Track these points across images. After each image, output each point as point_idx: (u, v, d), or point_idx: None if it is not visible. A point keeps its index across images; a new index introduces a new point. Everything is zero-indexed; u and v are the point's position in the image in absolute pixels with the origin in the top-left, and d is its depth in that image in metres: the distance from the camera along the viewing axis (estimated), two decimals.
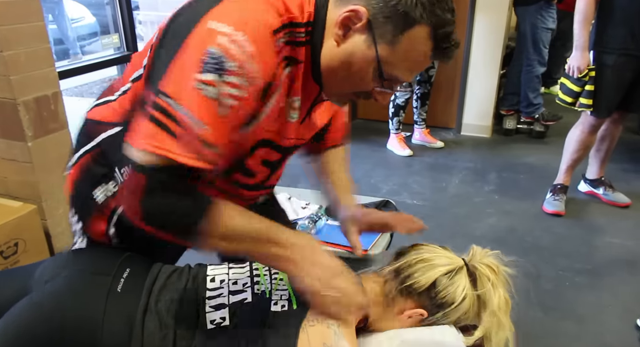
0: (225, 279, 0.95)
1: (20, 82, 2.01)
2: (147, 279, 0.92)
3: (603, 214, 2.74)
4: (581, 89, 2.49)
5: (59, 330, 0.84)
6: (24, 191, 2.17)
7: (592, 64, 2.44)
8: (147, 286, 0.90)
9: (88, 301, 0.86)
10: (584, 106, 2.50)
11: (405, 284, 0.95)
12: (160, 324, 0.86)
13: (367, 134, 3.85)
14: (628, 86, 2.46)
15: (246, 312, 0.89)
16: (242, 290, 0.93)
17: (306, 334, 0.84)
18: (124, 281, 0.90)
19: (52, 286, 0.90)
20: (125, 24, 2.75)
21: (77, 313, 0.85)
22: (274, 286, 0.93)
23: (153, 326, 0.85)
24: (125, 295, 0.88)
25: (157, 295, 0.89)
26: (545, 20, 3.67)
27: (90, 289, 0.89)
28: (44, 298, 0.88)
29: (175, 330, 0.85)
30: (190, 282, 0.94)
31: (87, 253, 1.01)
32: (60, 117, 2.20)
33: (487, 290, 0.93)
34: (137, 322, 0.85)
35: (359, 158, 1.05)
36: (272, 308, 0.89)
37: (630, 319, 1.90)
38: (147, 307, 0.87)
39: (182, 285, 0.93)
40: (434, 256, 0.97)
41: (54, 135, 2.18)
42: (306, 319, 0.86)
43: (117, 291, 0.88)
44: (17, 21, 1.96)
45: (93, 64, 2.68)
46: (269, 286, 0.93)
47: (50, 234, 2.21)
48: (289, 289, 0.92)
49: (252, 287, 0.94)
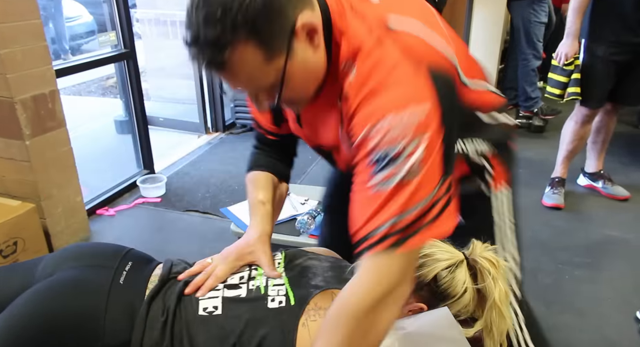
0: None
1: (17, 81, 2.00)
2: (163, 269, 0.97)
3: (602, 207, 2.74)
4: (568, 79, 2.51)
5: (63, 320, 0.86)
6: (22, 189, 2.17)
7: (582, 53, 2.46)
8: (163, 276, 0.95)
9: (91, 292, 0.89)
10: (572, 95, 2.51)
11: None
12: (164, 309, 0.89)
13: None
14: (618, 77, 2.47)
15: (239, 308, 0.90)
16: (238, 285, 0.94)
17: (307, 329, 0.84)
18: (126, 273, 0.94)
19: (56, 278, 0.92)
20: (122, 21, 2.74)
21: (80, 303, 0.88)
22: (270, 282, 0.94)
23: (157, 310, 0.89)
24: (128, 286, 0.91)
25: (167, 286, 0.94)
26: (538, 14, 3.68)
27: (93, 281, 0.91)
28: (48, 290, 0.90)
29: (174, 314, 0.89)
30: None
31: (90, 248, 1.06)
32: (58, 115, 2.19)
33: (487, 284, 0.93)
34: (143, 308, 0.88)
35: None
36: (269, 305, 0.89)
37: (630, 311, 1.90)
38: (158, 293, 0.91)
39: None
40: (435, 250, 0.97)
41: (52, 134, 2.17)
42: (306, 314, 0.86)
43: (119, 282, 0.92)
44: (14, 19, 1.96)
45: (90, 62, 2.67)
46: (264, 282, 0.94)
47: (49, 233, 2.21)
48: (287, 284, 0.93)
49: (247, 283, 0.95)
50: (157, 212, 2.70)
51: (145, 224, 2.62)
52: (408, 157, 0.70)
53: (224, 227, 2.40)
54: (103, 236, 2.45)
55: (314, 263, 0.99)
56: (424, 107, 0.71)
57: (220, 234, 2.43)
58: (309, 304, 0.88)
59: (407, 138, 0.70)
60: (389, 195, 0.71)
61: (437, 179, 0.73)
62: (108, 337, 0.85)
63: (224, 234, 2.37)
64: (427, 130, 0.71)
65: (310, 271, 0.97)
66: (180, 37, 0.81)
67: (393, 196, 0.71)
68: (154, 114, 3.89)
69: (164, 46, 4.33)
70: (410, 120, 0.70)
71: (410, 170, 0.70)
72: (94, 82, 5.45)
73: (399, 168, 0.70)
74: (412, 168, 0.70)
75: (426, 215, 0.72)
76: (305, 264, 0.99)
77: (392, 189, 0.71)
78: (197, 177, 3.09)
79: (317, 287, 0.91)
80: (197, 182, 3.01)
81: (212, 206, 2.71)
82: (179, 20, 4.11)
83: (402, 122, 0.70)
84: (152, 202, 2.77)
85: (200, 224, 2.57)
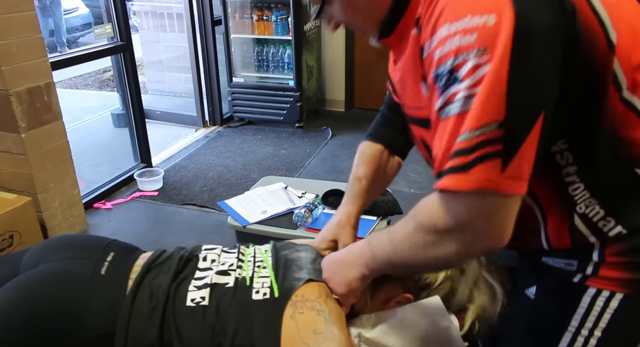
0: (216, 260, 0.98)
1: (12, 73, 1.98)
2: (149, 258, 0.96)
3: None
4: None
5: (44, 312, 0.85)
6: (19, 183, 2.15)
7: None
8: (147, 264, 0.94)
9: (71, 284, 0.88)
10: None
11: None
12: (151, 297, 0.89)
13: (363, 124, 3.82)
14: None
15: (227, 298, 0.89)
16: (227, 272, 0.95)
17: (295, 322, 0.84)
18: (108, 264, 0.93)
19: (38, 270, 0.91)
20: (119, 13, 2.71)
21: (60, 295, 0.87)
22: (255, 273, 0.94)
23: (144, 297, 0.88)
24: (110, 277, 0.91)
25: (154, 273, 0.93)
26: None
27: (74, 272, 0.90)
28: (29, 282, 0.89)
29: (165, 304, 0.88)
30: (183, 261, 0.97)
31: (73, 240, 1.05)
32: (54, 108, 2.17)
33: (469, 265, 0.93)
34: (128, 296, 0.88)
35: (355, 147, 1.03)
36: (253, 296, 0.89)
37: None
38: (143, 281, 0.90)
39: (175, 263, 0.95)
40: None
41: (48, 127, 2.16)
42: (293, 306, 0.86)
43: (101, 273, 0.91)
44: (8, 11, 1.93)
45: (86, 55, 2.65)
46: (250, 273, 0.94)
47: (46, 226, 2.20)
48: (272, 276, 0.93)
49: (235, 270, 0.95)
50: (154, 205, 2.69)
51: (142, 217, 2.61)
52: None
53: (221, 220, 2.41)
54: (100, 229, 2.45)
55: (300, 255, 0.99)
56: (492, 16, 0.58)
57: (218, 228, 2.42)
58: (295, 296, 0.87)
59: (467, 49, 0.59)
60: (456, 119, 0.61)
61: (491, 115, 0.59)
62: (91, 328, 0.85)
63: (221, 228, 2.37)
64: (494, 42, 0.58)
65: (294, 263, 0.96)
66: (177, 30, 0.79)
67: (458, 120, 0.61)
68: (151, 107, 3.88)
69: (160, 39, 4.30)
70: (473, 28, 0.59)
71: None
72: (90, 76, 5.43)
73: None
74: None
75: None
76: (291, 256, 0.99)
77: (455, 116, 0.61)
78: (194, 170, 3.08)
79: (301, 280, 0.91)
80: (194, 176, 3.00)
81: (209, 199, 2.70)
82: (175, 13, 4.08)
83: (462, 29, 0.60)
84: (149, 196, 2.76)
85: (198, 217, 2.57)
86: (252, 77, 3.77)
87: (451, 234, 0.67)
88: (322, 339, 0.81)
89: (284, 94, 3.65)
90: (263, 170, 3.04)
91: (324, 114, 4.09)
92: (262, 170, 3.04)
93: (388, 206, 1.72)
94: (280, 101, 3.67)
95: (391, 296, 0.96)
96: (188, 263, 0.97)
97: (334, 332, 0.82)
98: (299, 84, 3.60)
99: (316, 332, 0.82)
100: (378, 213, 1.68)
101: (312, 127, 3.77)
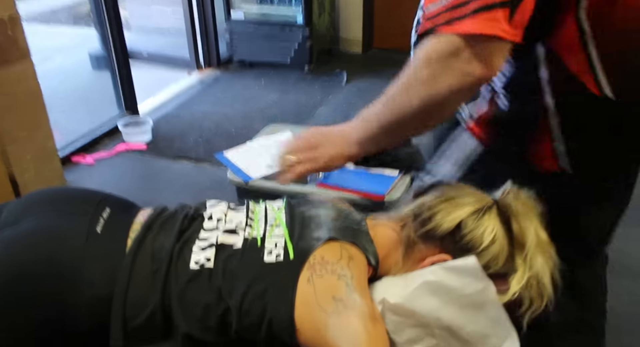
0: (222, 218, 0.98)
1: None
2: (150, 215, 0.98)
3: None
4: None
5: (34, 274, 0.86)
6: None
7: None
8: (148, 222, 0.96)
9: (65, 244, 0.90)
10: None
11: (425, 228, 0.94)
12: (153, 257, 0.91)
13: (383, 66, 3.74)
14: None
15: (234, 260, 0.90)
16: (235, 231, 0.95)
17: (312, 286, 0.84)
18: (104, 221, 0.94)
19: (25, 227, 0.92)
20: None
21: (54, 256, 0.88)
22: (267, 233, 0.95)
23: (146, 258, 0.91)
24: (107, 235, 0.92)
25: (155, 232, 0.94)
26: None
27: (67, 230, 0.92)
28: (17, 239, 0.90)
29: (168, 266, 0.89)
30: (188, 220, 0.98)
31: (61, 192, 1.08)
32: (21, 45, 2.11)
33: (523, 228, 0.90)
34: (127, 257, 0.90)
35: (373, 95, 0.98)
36: (265, 258, 0.89)
37: None
38: (144, 240, 0.93)
39: (180, 221, 0.97)
40: (459, 193, 0.95)
41: (15, 67, 2.10)
42: (311, 269, 0.86)
43: (97, 232, 0.91)
44: None
45: None
46: (262, 233, 0.95)
47: (17, 182, 2.18)
48: (286, 236, 0.93)
49: (244, 230, 0.96)
50: (143, 160, 2.70)
51: (130, 174, 2.61)
52: None
53: (219, 175, 2.37)
54: (80, 186, 2.43)
55: (319, 212, 0.99)
56: None
57: (216, 184, 2.41)
58: (313, 258, 0.87)
59: None
60: None
61: None
62: (85, 292, 0.86)
63: (220, 184, 2.35)
64: None
65: (313, 220, 0.96)
66: None
67: None
68: (135, 47, 3.82)
69: None
70: None
71: None
72: (63, 10, 5.32)
73: None
74: None
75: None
76: (309, 213, 0.99)
77: None
78: (188, 120, 3.08)
79: (320, 239, 0.90)
80: (188, 126, 3.00)
81: (205, 152, 2.70)
82: None
83: None
84: (136, 150, 2.76)
85: (193, 172, 2.58)
86: (253, 12, 3.69)
87: (445, 62, 0.81)
88: (342, 307, 0.81)
89: (291, 31, 3.58)
90: (267, 120, 3.00)
91: (337, 56, 4.04)
92: (266, 120, 3.00)
93: (412, 158, 1.67)
94: (286, 40, 3.61)
95: (427, 255, 0.94)
96: (193, 222, 0.98)
97: (356, 299, 0.83)
98: (308, 19, 3.52)
99: (336, 298, 0.82)
100: (400, 166, 1.63)
101: (324, 70, 3.74)
